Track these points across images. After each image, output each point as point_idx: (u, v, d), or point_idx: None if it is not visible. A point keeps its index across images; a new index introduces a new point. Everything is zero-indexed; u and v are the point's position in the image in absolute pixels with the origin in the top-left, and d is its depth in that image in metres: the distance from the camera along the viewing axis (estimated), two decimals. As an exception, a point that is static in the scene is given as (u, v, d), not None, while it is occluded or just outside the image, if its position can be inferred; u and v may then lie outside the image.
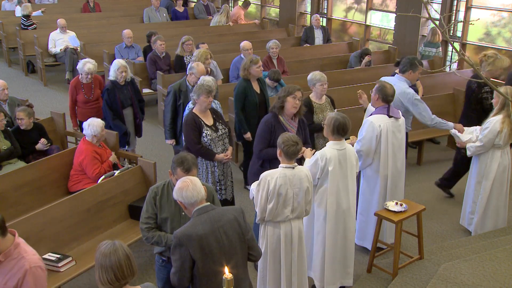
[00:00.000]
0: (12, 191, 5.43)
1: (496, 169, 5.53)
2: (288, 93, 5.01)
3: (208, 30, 12.41)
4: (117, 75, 6.67)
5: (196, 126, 5.24)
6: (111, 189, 5.34)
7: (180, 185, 3.36)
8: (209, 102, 5.27)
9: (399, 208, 4.88)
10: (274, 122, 5.03)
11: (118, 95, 6.68)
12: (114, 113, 6.70)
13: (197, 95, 5.24)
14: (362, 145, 5.19)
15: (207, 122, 5.32)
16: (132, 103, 6.90)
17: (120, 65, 6.70)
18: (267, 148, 4.99)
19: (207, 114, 5.37)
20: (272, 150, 4.87)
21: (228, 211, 3.43)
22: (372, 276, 5.04)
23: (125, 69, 6.73)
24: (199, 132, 5.26)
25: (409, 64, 5.93)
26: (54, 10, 13.55)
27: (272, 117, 5.07)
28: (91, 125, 5.76)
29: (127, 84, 6.82)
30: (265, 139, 5.00)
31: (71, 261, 4.62)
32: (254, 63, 6.41)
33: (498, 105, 5.48)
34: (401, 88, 5.80)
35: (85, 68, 6.91)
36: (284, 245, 4.23)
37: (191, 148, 5.20)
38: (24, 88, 10.77)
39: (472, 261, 4.79)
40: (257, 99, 6.45)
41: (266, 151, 4.98)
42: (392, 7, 11.37)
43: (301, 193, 4.18)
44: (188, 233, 3.24)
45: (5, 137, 6.04)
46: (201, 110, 5.31)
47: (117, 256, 2.70)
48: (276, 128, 4.98)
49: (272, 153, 4.79)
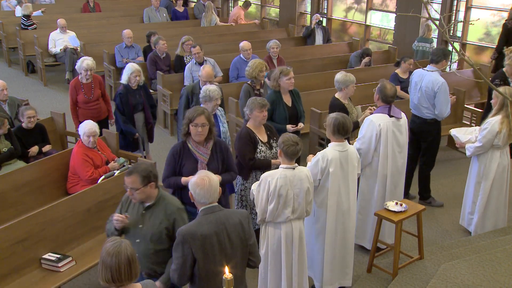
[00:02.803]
0: (12, 191, 5.43)
1: (495, 169, 5.53)
2: (188, 120, 4.43)
3: (208, 30, 12.41)
4: (131, 79, 6.52)
5: (250, 140, 5.02)
6: (111, 189, 5.34)
7: (198, 180, 3.36)
8: (263, 117, 5.05)
9: (399, 208, 4.88)
10: (181, 150, 4.52)
11: (131, 99, 6.57)
12: (126, 117, 6.60)
13: (250, 110, 5.04)
14: (362, 143, 5.19)
15: (261, 138, 5.12)
16: (144, 108, 6.78)
17: (134, 69, 6.55)
18: (171, 177, 4.52)
19: (261, 130, 5.16)
20: (174, 179, 4.48)
21: (234, 215, 3.43)
22: (372, 276, 5.04)
23: (139, 73, 6.59)
24: (253, 147, 5.03)
25: (443, 54, 6.10)
26: (54, 10, 13.55)
27: (179, 144, 4.57)
28: (85, 125, 5.76)
29: (140, 89, 6.70)
30: (169, 166, 4.53)
31: (71, 261, 4.62)
32: (284, 74, 5.90)
33: (497, 105, 5.47)
34: (433, 76, 6.01)
35: (83, 65, 6.85)
36: (284, 245, 4.23)
37: (242, 163, 5.04)
38: (24, 88, 10.77)
39: (472, 261, 4.79)
40: (287, 113, 5.95)
41: (169, 180, 4.52)
42: (392, 7, 11.37)
43: (302, 193, 4.18)
44: (193, 231, 3.25)
45: (5, 138, 6.03)
46: (255, 125, 5.10)
47: (118, 259, 2.73)
48: (182, 155, 4.50)
49: (175, 182, 4.47)
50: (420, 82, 6.15)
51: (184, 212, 3.78)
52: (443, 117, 6.16)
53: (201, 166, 4.45)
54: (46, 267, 4.56)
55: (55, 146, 6.63)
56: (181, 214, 3.74)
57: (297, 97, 6.15)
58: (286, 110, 5.96)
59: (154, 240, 3.68)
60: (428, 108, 6.14)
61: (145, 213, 3.72)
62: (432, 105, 6.11)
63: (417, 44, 9.83)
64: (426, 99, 6.10)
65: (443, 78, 6.08)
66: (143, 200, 3.70)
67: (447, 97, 6.05)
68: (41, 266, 4.58)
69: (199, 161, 4.49)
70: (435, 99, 6.05)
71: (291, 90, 6.06)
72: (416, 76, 6.25)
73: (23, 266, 4.46)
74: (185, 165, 4.44)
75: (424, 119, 6.22)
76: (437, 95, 6.01)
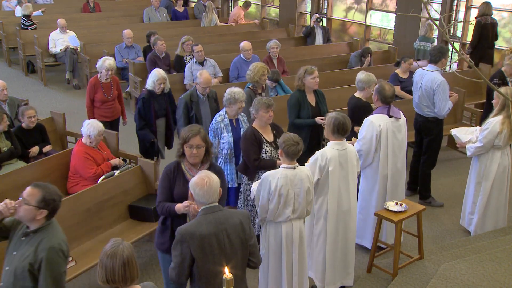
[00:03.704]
0: (12, 191, 5.41)
1: (496, 169, 5.53)
2: (183, 140, 4.00)
3: (208, 30, 12.41)
4: (155, 86, 6.38)
5: (256, 140, 5.00)
6: (111, 189, 5.34)
7: (198, 180, 3.36)
8: (268, 117, 5.03)
9: (399, 208, 4.88)
10: (175, 170, 4.06)
11: (153, 104, 6.41)
12: (146, 123, 6.41)
13: (256, 110, 5.03)
14: (362, 144, 5.19)
15: (267, 138, 5.10)
16: (167, 114, 6.64)
17: (159, 76, 6.39)
18: (164, 203, 4.00)
19: (268, 129, 5.15)
20: (168, 206, 3.94)
21: (234, 215, 3.43)
22: (372, 276, 5.04)
23: (164, 81, 6.42)
24: (258, 147, 5.02)
25: (440, 53, 6.13)
26: (54, 10, 13.55)
27: (173, 163, 4.13)
28: (90, 125, 5.76)
29: (164, 95, 6.56)
30: (164, 188, 4.03)
31: (71, 261, 4.61)
32: (309, 74, 5.88)
33: (498, 106, 5.48)
34: (432, 75, 6.05)
35: (105, 64, 6.86)
36: (285, 245, 4.23)
37: (248, 163, 5.05)
38: (24, 88, 10.77)
39: (472, 261, 4.79)
40: (310, 112, 5.89)
41: (162, 206, 3.99)
42: (392, 7, 11.37)
43: (302, 193, 4.18)
44: (192, 231, 3.24)
45: (6, 137, 6.03)
46: (261, 125, 5.09)
47: (113, 261, 2.75)
48: (176, 177, 4.04)
49: (168, 209, 3.93)
50: (420, 81, 6.22)
51: (58, 254, 3.22)
52: (443, 116, 6.18)
53: None
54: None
55: (55, 146, 6.63)
56: (51, 256, 3.17)
57: (321, 98, 6.09)
58: (310, 110, 5.91)
59: (17, 274, 3.21)
60: (428, 106, 6.20)
61: (23, 240, 3.26)
62: (432, 104, 6.15)
63: (419, 43, 9.83)
64: (426, 97, 6.15)
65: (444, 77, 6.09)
66: (25, 220, 3.26)
67: (446, 95, 6.07)
68: (41, 266, 4.57)
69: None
70: (434, 97, 6.08)
71: (315, 90, 6.03)
72: (417, 75, 6.32)
73: (23, 266, 4.45)
74: (176, 187, 4.01)
75: (426, 117, 6.28)
76: (436, 93, 6.05)
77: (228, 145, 5.40)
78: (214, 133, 5.46)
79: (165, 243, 4.05)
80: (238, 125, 5.51)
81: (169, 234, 4.03)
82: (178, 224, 3.64)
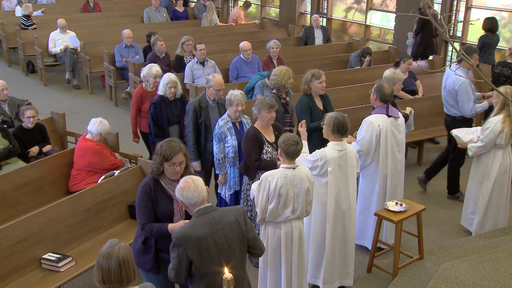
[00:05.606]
0: (12, 191, 5.43)
1: (497, 169, 5.53)
2: (163, 158, 3.75)
3: (208, 30, 12.41)
4: (166, 90, 6.15)
5: (257, 141, 4.98)
6: (111, 189, 5.34)
7: (182, 184, 3.36)
8: (270, 117, 4.99)
9: (399, 208, 4.88)
10: (155, 188, 3.82)
11: (165, 110, 6.19)
12: (158, 129, 6.22)
13: (258, 110, 4.99)
14: (362, 145, 5.18)
15: (268, 138, 5.07)
16: (180, 121, 6.30)
17: (169, 80, 6.16)
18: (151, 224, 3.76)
19: (269, 130, 5.12)
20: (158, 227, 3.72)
21: (229, 213, 3.41)
22: (372, 276, 5.04)
23: (174, 85, 6.16)
24: (259, 148, 4.99)
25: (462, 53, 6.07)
26: (54, 10, 13.56)
27: (151, 180, 3.84)
28: (101, 124, 5.85)
29: (176, 100, 6.29)
30: (146, 209, 3.78)
31: (71, 261, 4.62)
32: (316, 78, 5.72)
33: (499, 105, 5.50)
34: (455, 76, 6.09)
35: (153, 71, 6.64)
36: (284, 245, 4.22)
37: (248, 163, 5.04)
38: (24, 88, 10.77)
39: (472, 261, 4.79)
40: (321, 116, 5.64)
41: (150, 228, 3.74)
42: (392, 7, 11.38)
43: (302, 193, 4.18)
44: (187, 234, 3.23)
45: (3, 136, 6.03)
46: (262, 126, 5.06)
47: (108, 262, 2.74)
48: (157, 194, 3.80)
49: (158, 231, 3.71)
50: (445, 81, 6.38)
51: None
52: (468, 115, 6.28)
53: (177, 205, 3.81)
54: (46, 267, 4.56)
55: (55, 146, 6.63)
56: None
57: (327, 100, 5.98)
58: (319, 114, 5.75)
59: None
60: (453, 106, 6.35)
61: None
62: (456, 103, 6.28)
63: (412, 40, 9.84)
64: (450, 97, 6.30)
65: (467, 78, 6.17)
66: None
67: (469, 95, 6.15)
68: (41, 266, 4.58)
69: (174, 200, 3.80)
70: (457, 97, 6.20)
71: (322, 94, 5.89)
72: (445, 75, 6.49)
73: (23, 266, 4.46)
74: (159, 205, 3.79)
75: (453, 117, 6.43)
76: (458, 93, 6.18)
77: (232, 149, 5.35)
78: (218, 137, 5.37)
79: (148, 262, 3.84)
80: (242, 128, 5.46)
81: (152, 254, 3.82)
82: (163, 243, 3.62)
